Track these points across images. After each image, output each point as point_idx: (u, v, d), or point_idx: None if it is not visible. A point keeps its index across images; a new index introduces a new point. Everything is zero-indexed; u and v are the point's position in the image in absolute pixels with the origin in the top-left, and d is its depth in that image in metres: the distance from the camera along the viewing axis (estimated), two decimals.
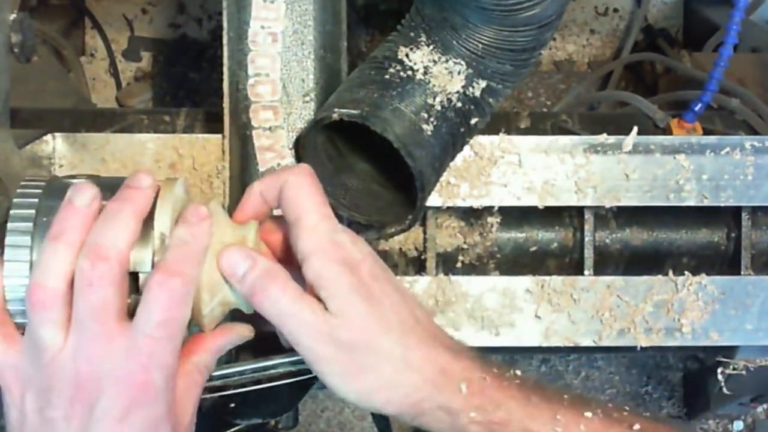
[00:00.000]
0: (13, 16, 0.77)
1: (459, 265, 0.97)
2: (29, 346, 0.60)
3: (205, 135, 0.94)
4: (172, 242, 0.61)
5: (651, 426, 0.65)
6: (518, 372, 0.66)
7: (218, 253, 0.64)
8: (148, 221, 0.63)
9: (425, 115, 0.80)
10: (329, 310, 0.62)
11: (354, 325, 0.62)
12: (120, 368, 0.59)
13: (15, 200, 0.63)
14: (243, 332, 0.68)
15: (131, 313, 0.60)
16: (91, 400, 0.59)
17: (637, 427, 0.64)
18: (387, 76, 0.80)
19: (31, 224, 0.62)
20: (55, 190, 0.64)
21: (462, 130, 0.83)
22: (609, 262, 0.98)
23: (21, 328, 0.62)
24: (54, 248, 0.59)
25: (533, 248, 0.97)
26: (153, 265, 0.61)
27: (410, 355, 0.63)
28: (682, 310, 0.93)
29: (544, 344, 0.93)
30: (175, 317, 0.59)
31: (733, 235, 0.97)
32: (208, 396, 0.75)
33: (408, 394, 0.63)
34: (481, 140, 0.92)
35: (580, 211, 0.95)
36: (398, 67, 0.81)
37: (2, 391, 0.62)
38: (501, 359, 1.15)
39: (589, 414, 0.64)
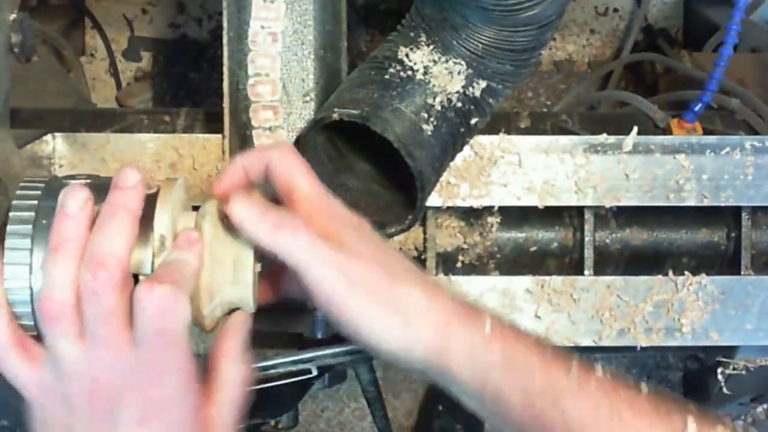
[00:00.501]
0: (13, 16, 0.77)
1: (459, 265, 0.97)
2: (49, 359, 0.60)
3: (205, 135, 0.94)
4: (164, 260, 0.61)
5: (656, 391, 0.64)
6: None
7: (229, 205, 0.63)
8: (148, 222, 0.63)
9: (425, 115, 0.80)
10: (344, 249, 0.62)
11: (370, 262, 0.62)
12: (132, 377, 0.59)
13: (14, 203, 0.63)
14: (245, 322, 0.66)
15: None
16: (112, 407, 0.59)
17: (645, 390, 0.64)
18: (387, 76, 0.80)
19: (30, 227, 0.62)
20: (55, 191, 0.64)
21: (462, 130, 0.83)
22: (609, 262, 0.98)
23: (29, 330, 0.62)
24: (54, 260, 0.59)
25: (533, 248, 0.97)
26: (152, 267, 0.62)
27: (429, 292, 0.63)
28: (682, 310, 0.93)
29: None
30: (171, 323, 0.59)
31: (733, 235, 0.97)
32: None
33: (433, 326, 0.62)
34: (481, 140, 0.92)
35: (580, 211, 0.95)
36: (398, 67, 0.81)
37: (28, 406, 0.62)
38: None
39: (599, 373, 0.64)
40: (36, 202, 0.63)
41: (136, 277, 0.62)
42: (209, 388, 0.63)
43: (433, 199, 0.91)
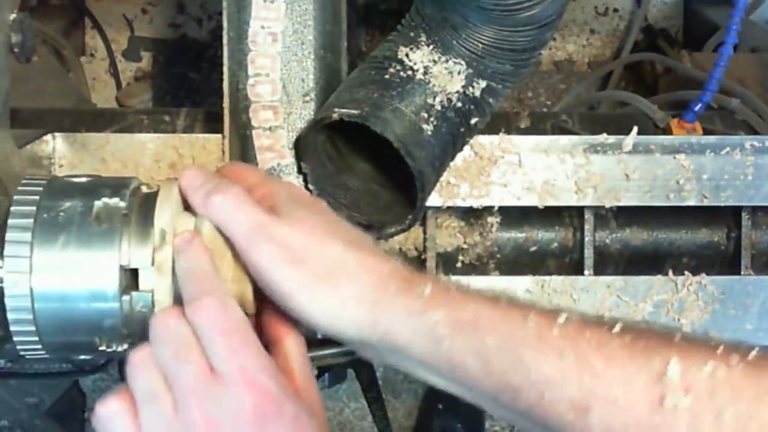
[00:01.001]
0: (13, 16, 0.77)
1: (459, 265, 0.96)
2: None
3: (205, 135, 0.94)
4: (179, 275, 0.61)
5: (633, 328, 0.57)
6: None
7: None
8: (148, 220, 0.63)
9: (425, 115, 0.80)
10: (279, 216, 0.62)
11: (304, 230, 0.62)
12: (232, 404, 0.57)
13: (15, 197, 0.63)
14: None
15: None
16: None
17: (617, 328, 0.56)
18: (387, 76, 0.80)
19: (31, 221, 0.62)
20: (56, 190, 0.64)
21: (462, 130, 0.83)
22: (609, 262, 0.98)
23: (29, 325, 0.62)
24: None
25: (533, 248, 0.97)
26: (153, 262, 0.62)
27: (365, 258, 0.61)
28: (682, 310, 0.93)
29: None
30: (231, 324, 0.58)
31: (733, 235, 0.97)
32: None
33: (365, 294, 0.60)
34: (481, 140, 0.92)
35: (580, 211, 0.95)
36: (398, 67, 0.81)
37: None
38: None
39: (562, 320, 0.57)
40: (37, 197, 0.63)
41: (136, 273, 0.62)
42: (282, 365, 0.62)
43: (433, 199, 0.91)
